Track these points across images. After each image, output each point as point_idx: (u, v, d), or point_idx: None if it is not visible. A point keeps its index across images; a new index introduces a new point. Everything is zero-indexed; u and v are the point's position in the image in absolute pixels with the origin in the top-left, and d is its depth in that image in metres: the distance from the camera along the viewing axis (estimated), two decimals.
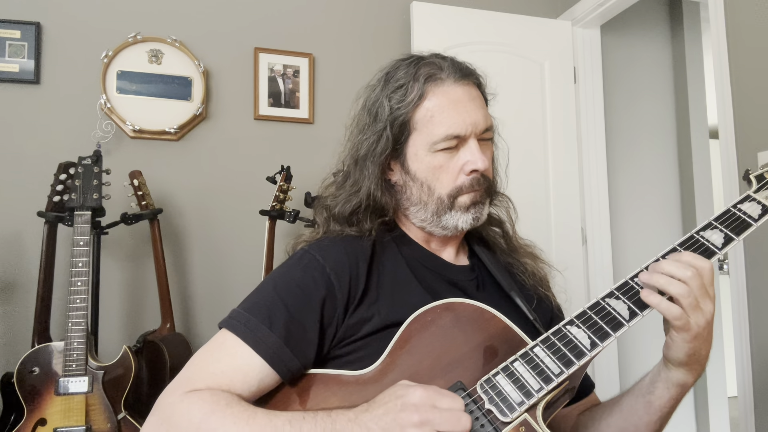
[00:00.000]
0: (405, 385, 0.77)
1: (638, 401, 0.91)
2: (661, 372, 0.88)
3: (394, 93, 0.99)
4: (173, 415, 0.80)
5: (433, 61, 1.00)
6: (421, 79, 0.97)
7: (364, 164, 1.01)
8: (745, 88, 1.99)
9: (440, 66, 0.99)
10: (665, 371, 0.88)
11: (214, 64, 2.47)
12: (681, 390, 0.88)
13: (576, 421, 1.02)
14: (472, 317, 0.87)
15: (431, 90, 0.97)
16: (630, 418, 0.91)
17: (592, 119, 2.88)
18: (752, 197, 0.91)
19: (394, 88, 0.99)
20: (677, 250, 0.86)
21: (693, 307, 0.79)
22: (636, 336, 2.94)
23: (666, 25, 3.29)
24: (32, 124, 2.23)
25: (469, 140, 0.97)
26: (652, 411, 0.89)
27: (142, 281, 2.29)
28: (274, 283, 0.93)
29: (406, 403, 0.73)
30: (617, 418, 0.93)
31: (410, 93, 0.97)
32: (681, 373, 0.86)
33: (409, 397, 0.74)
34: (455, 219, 0.99)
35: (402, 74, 1.00)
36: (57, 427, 1.69)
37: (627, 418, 0.92)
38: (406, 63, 1.02)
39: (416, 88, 0.97)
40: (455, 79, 0.98)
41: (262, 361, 0.83)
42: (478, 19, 2.70)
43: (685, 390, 0.88)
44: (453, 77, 0.98)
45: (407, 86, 0.98)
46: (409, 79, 0.98)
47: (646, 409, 0.90)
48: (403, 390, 0.76)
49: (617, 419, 0.93)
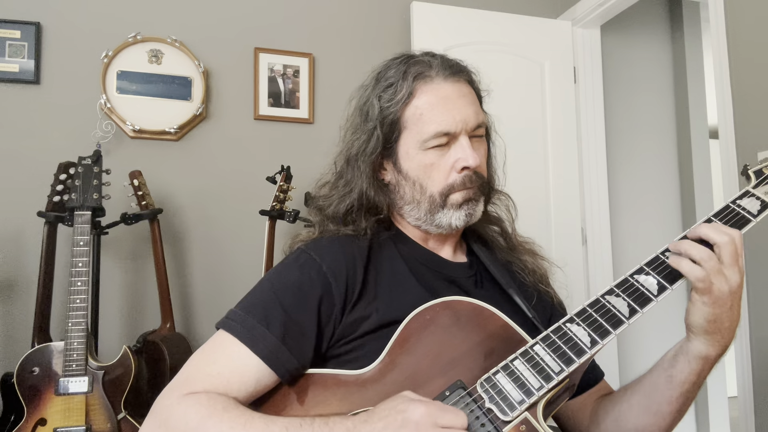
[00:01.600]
0: (407, 399, 0.75)
1: (660, 376, 0.89)
2: (683, 345, 0.87)
3: (383, 92, 0.99)
4: (170, 418, 0.80)
5: (422, 59, 1.00)
6: (410, 78, 0.97)
7: (355, 164, 1.01)
8: (745, 88, 1.99)
9: (429, 64, 0.99)
10: (687, 343, 0.86)
11: (214, 64, 2.47)
12: (703, 364, 0.86)
13: (594, 407, 1.01)
14: (472, 315, 0.87)
15: (420, 88, 0.97)
16: (652, 394, 0.90)
17: (592, 119, 2.88)
18: (751, 193, 0.91)
19: (383, 88, 0.99)
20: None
21: (716, 272, 0.79)
22: (636, 333, 2.94)
23: (666, 25, 3.29)
24: (32, 124, 2.23)
25: (459, 137, 0.96)
26: (673, 386, 0.88)
27: (142, 281, 2.29)
28: (271, 283, 0.92)
29: (407, 420, 0.72)
30: (639, 396, 0.92)
31: (399, 92, 0.97)
32: (702, 343, 0.84)
33: (410, 413, 0.72)
34: (448, 217, 0.98)
35: (392, 73, 1.00)
36: (57, 427, 1.69)
37: (649, 394, 0.91)
38: (396, 62, 1.02)
39: (405, 87, 0.97)
40: (445, 77, 0.98)
41: (260, 361, 0.83)
42: (478, 19, 2.70)
43: (707, 364, 0.86)
44: (442, 75, 0.98)
45: (396, 85, 0.98)
46: (399, 78, 0.98)
47: (667, 383, 0.88)
48: (404, 404, 0.74)
49: (639, 398, 0.92)
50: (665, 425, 0.91)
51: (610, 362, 2.80)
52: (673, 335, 0.87)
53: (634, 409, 0.92)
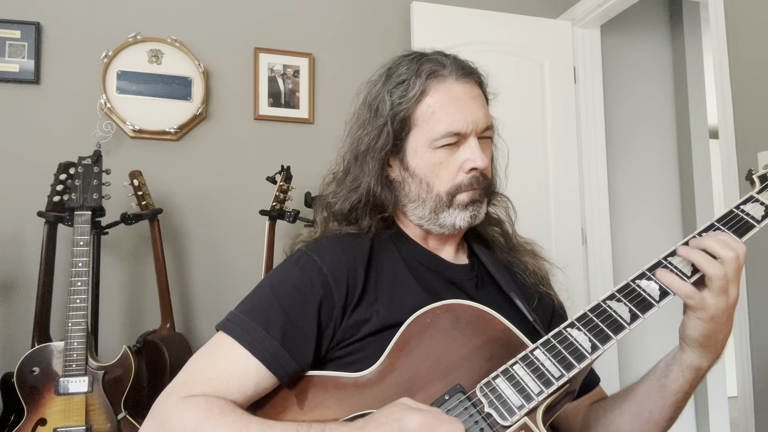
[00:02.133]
0: (405, 407, 0.75)
1: (653, 386, 0.89)
2: (676, 355, 0.87)
3: (395, 88, 0.98)
4: (168, 421, 0.80)
5: (435, 57, 1.00)
6: (423, 76, 0.97)
7: (364, 159, 1.00)
8: (745, 88, 1.98)
9: (443, 63, 0.99)
10: (680, 354, 0.86)
11: (214, 64, 2.47)
12: (696, 374, 0.86)
13: (586, 414, 1.01)
14: (472, 319, 0.87)
15: (433, 86, 0.97)
16: (644, 403, 0.90)
17: (592, 119, 2.87)
18: (755, 198, 0.90)
19: (395, 84, 0.99)
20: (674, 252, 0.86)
21: (722, 290, 0.79)
22: (636, 337, 2.94)
23: (666, 25, 3.29)
24: (32, 124, 2.23)
25: (469, 138, 0.96)
26: (666, 395, 0.88)
27: (142, 281, 2.29)
28: (271, 284, 0.92)
29: (403, 429, 0.72)
30: (631, 404, 0.92)
31: (412, 89, 0.97)
32: (696, 355, 0.84)
33: (406, 422, 0.72)
34: (453, 217, 0.98)
35: (404, 70, 0.99)
36: (57, 427, 1.69)
37: (641, 403, 0.91)
38: (408, 59, 1.01)
39: (418, 84, 0.96)
40: (457, 77, 0.98)
41: (259, 364, 0.83)
42: (479, 19, 2.70)
43: (699, 374, 0.86)
44: (455, 75, 0.98)
45: (409, 82, 0.97)
46: (411, 75, 0.98)
47: (660, 393, 0.88)
48: (401, 413, 0.74)
49: (631, 406, 0.92)
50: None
51: (610, 366, 2.80)
52: (673, 339, 0.87)
53: (626, 417, 0.92)
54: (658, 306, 0.82)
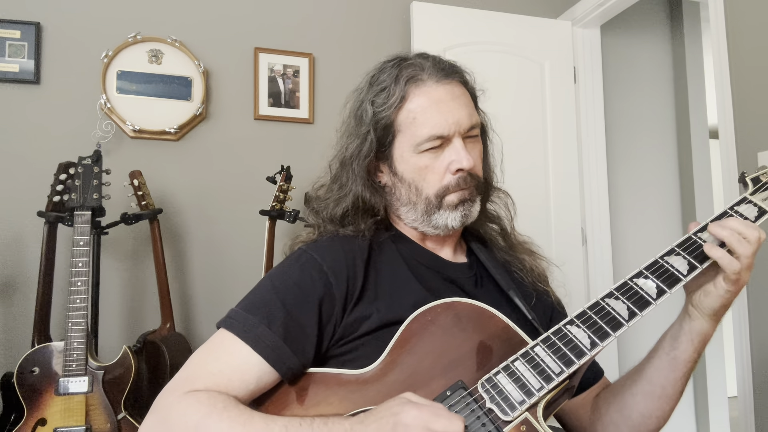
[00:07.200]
0: (404, 401, 0.75)
1: (662, 360, 0.92)
2: (683, 325, 0.90)
3: (376, 96, 1.00)
4: (170, 416, 0.80)
5: (414, 62, 1.01)
6: (402, 81, 0.98)
7: (350, 167, 1.02)
8: (745, 88, 1.99)
9: (422, 66, 0.99)
10: (689, 323, 0.89)
11: (214, 64, 2.47)
12: (702, 340, 0.89)
13: (594, 404, 1.02)
14: (473, 317, 0.88)
15: (412, 91, 0.98)
16: (656, 379, 0.92)
17: (592, 119, 2.88)
18: (749, 199, 0.92)
19: (376, 92, 1.00)
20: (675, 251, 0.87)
21: (749, 267, 0.83)
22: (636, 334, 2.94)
23: (666, 25, 3.29)
24: (32, 124, 2.23)
25: (453, 139, 0.97)
26: (677, 366, 0.90)
27: (142, 281, 2.29)
28: (272, 282, 0.93)
29: (398, 423, 0.72)
30: (643, 383, 0.94)
31: (392, 95, 0.98)
32: (707, 323, 0.88)
33: (402, 416, 0.72)
34: (444, 218, 0.99)
35: (385, 77, 1.01)
36: (57, 427, 1.69)
37: (652, 380, 0.92)
38: (389, 65, 1.02)
39: (398, 91, 0.98)
40: (437, 79, 0.98)
41: (261, 359, 0.84)
42: (478, 19, 2.70)
43: (705, 341, 0.90)
44: (434, 77, 0.98)
45: (389, 89, 0.99)
46: (391, 82, 0.99)
47: (671, 366, 0.91)
48: (399, 407, 0.74)
49: (642, 385, 0.94)
50: (669, 408, 0.93)
51: (610, 361, 2.80)
52: None
53: (638, 398, 0.94)
54: (655, 304, 0.83)
